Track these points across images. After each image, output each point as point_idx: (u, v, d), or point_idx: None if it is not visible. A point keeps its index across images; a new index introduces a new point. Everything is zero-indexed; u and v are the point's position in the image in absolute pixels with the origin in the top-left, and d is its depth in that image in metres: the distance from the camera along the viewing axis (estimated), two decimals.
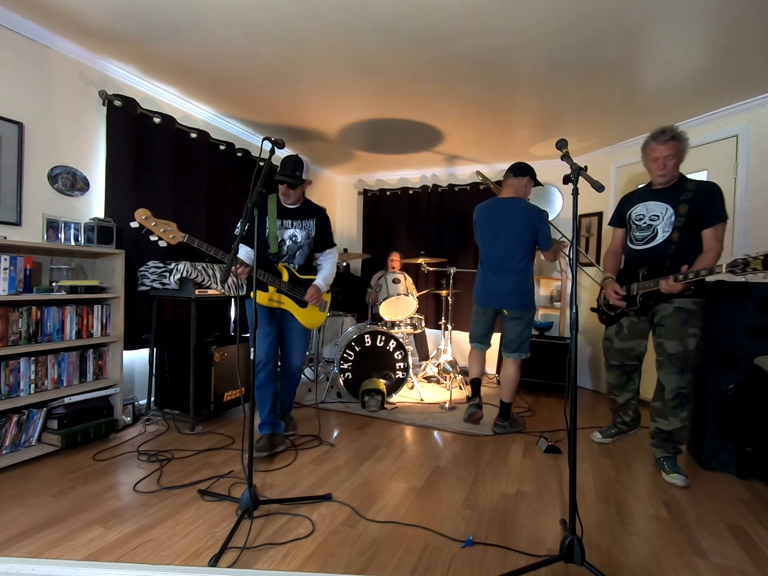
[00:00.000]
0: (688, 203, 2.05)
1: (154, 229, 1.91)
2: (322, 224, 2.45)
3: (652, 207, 2.17)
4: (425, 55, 2.44)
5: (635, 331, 2.25)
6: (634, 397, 2.43)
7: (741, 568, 1.44)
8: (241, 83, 2.87)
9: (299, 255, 2.38)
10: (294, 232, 2.35)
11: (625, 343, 2.29)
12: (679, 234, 2.07)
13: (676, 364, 2.05)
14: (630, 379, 2.39)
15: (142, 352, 2.90)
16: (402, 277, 3.54)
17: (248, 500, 1.57)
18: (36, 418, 2.15)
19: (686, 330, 2.04)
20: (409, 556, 1.45)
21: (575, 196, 1.39)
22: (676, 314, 2.06)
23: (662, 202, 2.14)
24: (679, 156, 2.08)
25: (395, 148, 4.14)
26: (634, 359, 2.31)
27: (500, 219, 2.61)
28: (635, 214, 2.24)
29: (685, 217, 2.05)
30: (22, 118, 2.26)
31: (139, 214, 1.89)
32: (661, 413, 2.17)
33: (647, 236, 2.17)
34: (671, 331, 2.07)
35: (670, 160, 2.06)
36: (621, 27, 2.12)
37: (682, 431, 2.12)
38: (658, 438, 2.19)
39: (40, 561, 0.67)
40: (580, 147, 3.87)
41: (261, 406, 2.31)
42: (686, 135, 2.08)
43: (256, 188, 1.66)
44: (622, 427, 2.54)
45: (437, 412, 3.06)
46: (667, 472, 2.09)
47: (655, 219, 2.15)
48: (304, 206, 2.41)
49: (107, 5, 2.07)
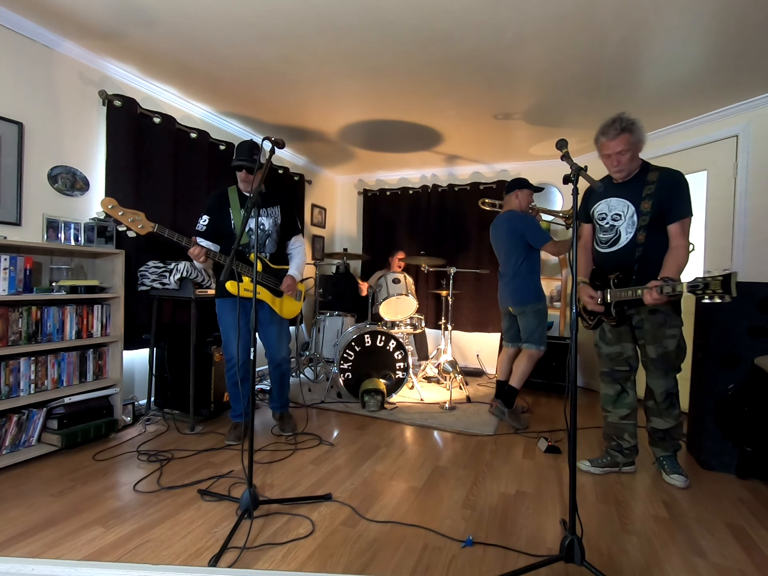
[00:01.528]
0: (650, 198, 1.89)
1: (121, 219, 1.84)
2: (286, 210, 2.43)
3: (614, 204, 2.01)
4: (425, 55, 2.44)
5: (618, 335, 2.10)
6: (630, 415, 2.13)
7: (741, 568, 1.44)
8: (241, 83, 2.87)
9: (269, 243, 2.36)
10: (261, 221, 2.31)
11: (612, 348, 2.13)
12: (646, 234, 1.91)
13: (660, 368, 1.98)
14: (623, 391, 2.15)
15: (142, 352, 2.90)
16: (402, 277, 3.54)
17: (248, 500, 1.57)
18: (36, 418, 2.15)
19: (664, 332, 1.95)
20: (409, 556, 1.45)
21: (575, 196, 1.40)
22: (652, 318, 1.96)
23: (623, 199, 1.98)
24: (634, 148, 1.89)
25: (395, 148, 4.14)
26: (624, 364, 2.11)
27: (497, 234, 2.92)
28: (597, 213, 2.07)
29: (650, 214, 1.89)
30: (22, 118, 2.26)
31: (105, 203, 1.81)
32: (654, 412, 2.09)
33: (611, 238, 2.02)
34: (649, 336, 1.98)
35: (623, 155, 1.89)
36: (621, 27, 2.12)
37: (678, 428, 2.07)
38: (655, 437, 2.12)
39: (40, 561, 0.67)
40: (580, 147, 3.87)
41: (239, 399, 2.42)
42: (639, 122, 1.88)
43: (256, 187, 1.66)
44: (616, 456, 2.15)
45: (437, 412, 3.05)
46: (667, 473, 2.05)
47: (617, 218, 1.99)
48: (267, 194, 2.38)
49: (107, 5, 2.07)
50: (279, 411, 2.62)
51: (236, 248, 1.65)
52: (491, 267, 4.43)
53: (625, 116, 1.87)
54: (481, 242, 4.55)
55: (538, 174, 4.41)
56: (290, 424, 2.58)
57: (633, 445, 2.15)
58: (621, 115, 1.88)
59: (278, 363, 2.46)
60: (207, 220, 2.27)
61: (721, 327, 2.18)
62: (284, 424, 2.57)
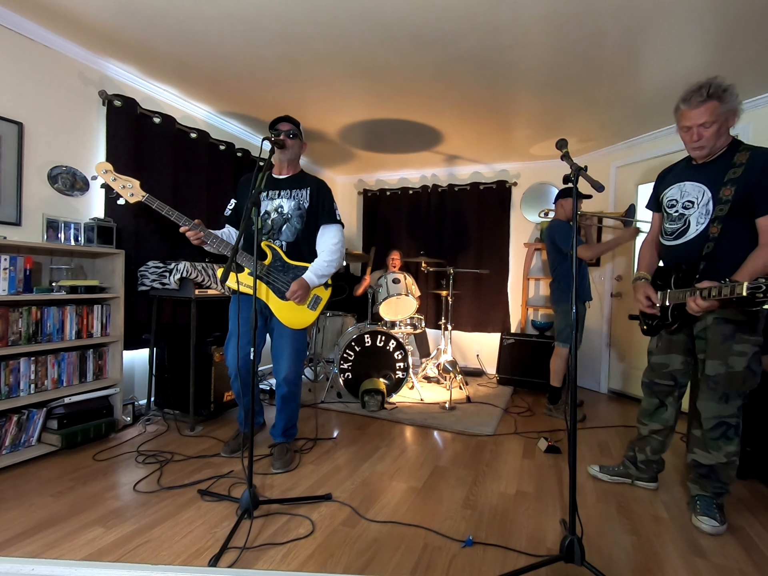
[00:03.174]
0: (735, 183, 1.53)
1: (113, 185, 1.82)
2: (317, 193, 2.04)
3: (688, 189, 1.67)
4: (425, 55, 2.44)
5: (668, 343, 1.82)
6: (661, 432, 1.89)
7: (741, 568, 1.44)
8: (241, 83, 2.87)
9: (286, 229, 2.00)
10: (280, 203, 2.00)
11: (658, 357, 1.85)
12: (722, 226, 1.56)
13: (715, 389, 1.63)
14: (662, 405, 1.88)
15: (142, 352, 2.90)
16: (402, 277, 3.54)
17: (248, 500, 1.57)
18: (36, 418, 2.15)
19: (730, 347, 1.59)
20: (409, 556, 1.45)
21: (575, 196, 1.40)
22: (717, 327, 1.62)
23: (700, 183, 1.63)
24: (723, 120, 1.54)
25: (395, 148, 4.14)
26: (667, 378, 1.83)
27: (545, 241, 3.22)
28: (667, 199, 1.75)
29: (731, 203, 1.54)
30: (22, 118, 2.26)
31: (100, 167, 1.81)
32: (699, 444, 1.73)
33: (677, 229, 1.69)
34: (711, 348, 1.64)
35: (707, 129, 1.55)
36: (621, 27, 2.12)
37: (728, 468, 1.66)
38: (695, 473, 1.77)
39: (40, 561, 0.67)
40: (580, 147, 3.87)
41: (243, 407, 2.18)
42: (733, 89, 1.53)
43: (256, 188, 1.65)
44: (629, 467, 1.98)
45: (437, 412, 3.05)
46: (696, 513, 1.69)
47: (688, 206, 1.66)
48: (298, 176, 2.08)
49: (107, 5, 2.07)
50: (275, 439, 2.21)
51: (237, 244, 1.58)
52: (491, 267, 4.44)
53: (715, 81, 1.52)
54: (481, 242, 4.55)
55: (538, 174, 4.41)
56: (282, 460, 2.07)
57: (650, 459, 1.93)
58: (711, 80, 1.53)
59: (278, 383, 2.09)
60: (233, 204, 2.10)
61: None
62: (275, 458, 2.10)
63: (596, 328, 3.95)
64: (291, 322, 2.01)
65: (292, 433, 2.23)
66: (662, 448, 1.91)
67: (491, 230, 4.52)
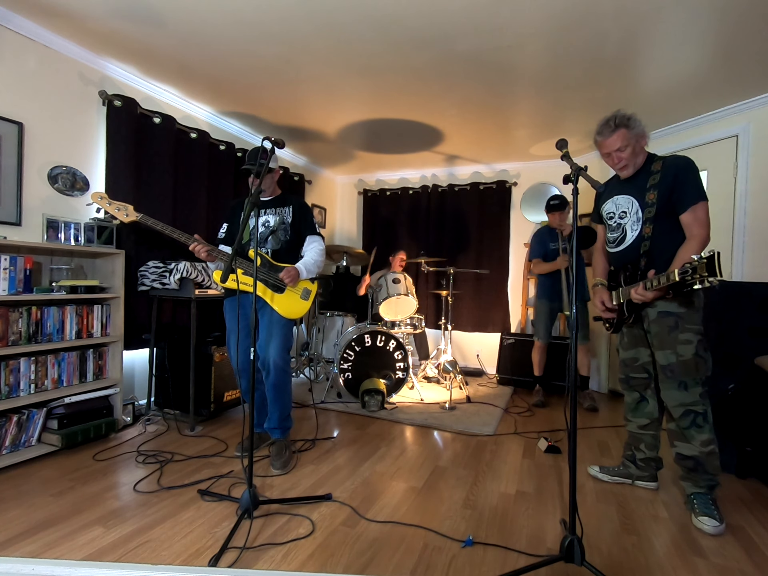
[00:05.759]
0: (656, 188, 1.78)
1: (108, 209, 2.01)
2: (299, 210, 2.34)
3: (620, 202, 1.91)
4: (425, 55, 2.44)
5: (633, 339, 1.96)
6: (649, 426, 1.96)
7: (741, 568, 1.44)
8: (241, 83, 2.87)
9: (272, 240, 2.24)
10: (267, 218, 2.27)
11: (627, 353, 1.99)
12: (653, 226, 1.79)
13: (672, 377, 1.76)
14: (643, 399, 1.98)
15: (142, 352, 2.90)
16: (402, 277, 3.54)
17: (248, 500, 1.57)
18: (36, 418, 2.15)
19: (676, 337, 1.74)
20: (409, 556, 1.45)
21: (575, 196, 1.40)
22: (662, 319, 1.78)
23: (629, 195, 1.88)
24: (634, 142, 1.80)
25: (395, 148, 4.14)
26: (641, 371, 1.95)
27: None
28: (606, 212, 1.99)
29: (656, 205, 1.77)
30: (22, 118, 2.26)
31: (95, 196, 1.98)
32: (678, 436, 1.82)
33: (617, 237, 1.92)
34: (659, 339, 1.79)
35: (623, 152, 1.81)
36: (621, 27, 2.12)
37: (712, 459, 1.74)
38: (683, 468, 1.83)
39: (40, 561, 0.67)
40: (580, 147, 3.87)
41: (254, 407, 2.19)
42: (635, 117, 1.80)
43: (256, 188, 1.66)
44: (629, 467, 2.04)
45: (437, 412, 3.05)
46: (696, 514, 1.71)
47: (623, 216, 1.89)
48: (280, 197, 2.36)
49: (107, 5, 2.07)
50: (273, 435, 2.21)
51: (236, 247, 1.66)
52: (491, 267, 4.44)
53: (619, 113, 1.82)
54: (481, 242, 4.55)
55: (538, 174, 4.41)
56: (281, 459, 2.08)
57: (648, 457, 1.97)
58: (616, 113, 1.83)
59: (267, 365, 2.09)
60: (226, 227, 2.31)
61: (721, 327, 2.18)
62: (274, 457, 2.10)
63: (596, 328, 3.95)
64: (287, 312, 2.20)
65: (288, 426, 2.24)
66: (655, 442, 1.99)
67: (491, 230, 4.52)
